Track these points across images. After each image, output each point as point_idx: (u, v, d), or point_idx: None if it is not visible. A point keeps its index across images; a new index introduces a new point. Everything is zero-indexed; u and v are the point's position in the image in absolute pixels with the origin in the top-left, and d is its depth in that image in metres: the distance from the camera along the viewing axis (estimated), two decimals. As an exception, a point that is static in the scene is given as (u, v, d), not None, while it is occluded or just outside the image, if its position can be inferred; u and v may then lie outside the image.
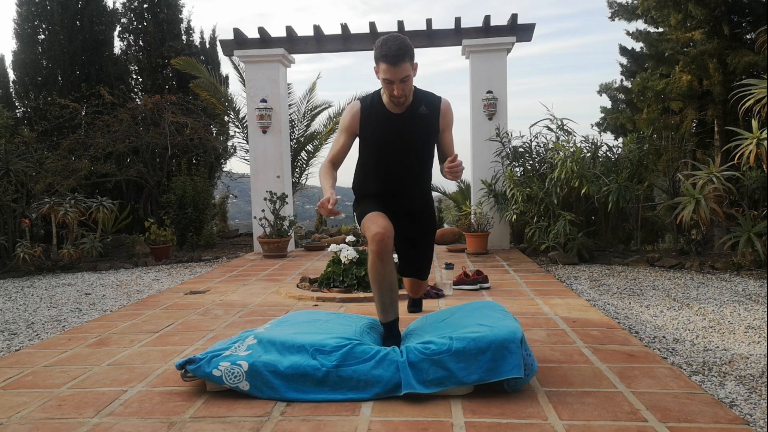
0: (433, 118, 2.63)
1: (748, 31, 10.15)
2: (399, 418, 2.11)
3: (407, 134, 2.61)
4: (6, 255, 6.83)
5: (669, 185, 6.93)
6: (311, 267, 6.12)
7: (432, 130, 2.64)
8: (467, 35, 7.28)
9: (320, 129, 10.38)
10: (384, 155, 2.66)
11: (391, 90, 2.48)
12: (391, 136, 2.61)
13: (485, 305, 2.92)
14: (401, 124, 2.60)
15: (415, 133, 2.62)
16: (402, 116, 2.60)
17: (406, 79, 2.44)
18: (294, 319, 2.96)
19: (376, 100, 2.64)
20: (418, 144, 2.65)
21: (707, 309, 3.90)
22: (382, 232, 2.49)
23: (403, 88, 2.47)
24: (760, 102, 5.19)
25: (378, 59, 2.46)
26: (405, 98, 2.53)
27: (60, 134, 9.06)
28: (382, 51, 2.41)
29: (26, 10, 9.67)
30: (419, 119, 2.60)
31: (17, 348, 3.37)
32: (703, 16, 9.77)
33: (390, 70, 2.42)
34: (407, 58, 2.42)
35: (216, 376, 2.33)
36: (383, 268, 2.54)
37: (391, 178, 2.69)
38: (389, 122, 2.61)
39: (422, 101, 2.62)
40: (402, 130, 2.61)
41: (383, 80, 2.48)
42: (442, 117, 2.64)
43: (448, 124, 2.67)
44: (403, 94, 2.49)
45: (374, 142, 2.65)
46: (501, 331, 2.33)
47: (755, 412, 2.17)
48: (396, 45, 2.40)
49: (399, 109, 2.59)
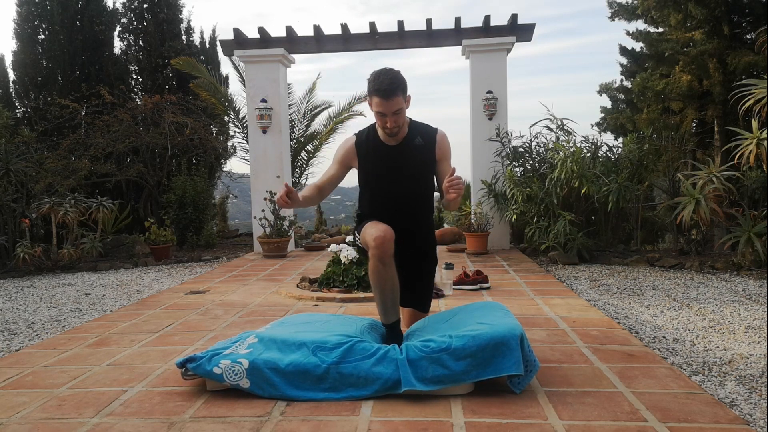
0: (429, 148, 2.68)
1: (748, 31, 10.16)
2: (399, 418, 2.11)
3: (404, 166, 2.68)
4: (6, 255, 6.83)
5: (669, 185, 6.93)
6: (311, 267, 6.12)
7: (428, 160, 2.70)
8: (467, 35, 7.28)
9: (320, 129, 10.39)
10: (382, 187, 2.72)
11: (384, 122, 2.55)
12: (388, 168, 2.68)
13: (486, 305, 2.92)
14: (397, 156, 2.67)
15: (411, 164, 2.67)
16: (398, 148, 2.67)
17: (398, 111, 2.52)
18: (294, 320, 2.97)
19: (372, 134, 2.71)
20: (415, 175, 2.70)
21: (707, 309, 3.90)
22: (383, 235, 2.51)
23: (396, 120, 2.54)
24: (760, 102, 5.18)
25: (371, 93, 2.53)
26: (398, 129, 2.59)
27: (60, 134, 9.06)
28: (375, 85, 2.49)
29: (26, 10, 9.67)
30: (415, 150, 2.67)
31: (17, 348, 3.37)
32: (703, 16, 9.78)
33: (382, 104, 2.49)
34: (399, 91, 2.50)
35: (216, 373, 2.33)
36: (385, 272, 2.55)
37: (391, 209, 2.72)
38: (385, 155, 2.68)
39: (417, 133, 2.68)
40: (398, 162, 2.67)
41: (376, 113, 2.55)
42: (438, 147, 2.69)
43: (444, 154, 2.71)
44: (396, 126, 2.56)
45: (372, 174, 2.72)
46: (500, 329, 2.33)
47: (755, 412, 2.17)
48: (388, 79, 2.48)
49: (394, 141, 2.66)
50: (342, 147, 2.76)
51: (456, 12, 54.48)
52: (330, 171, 2.79)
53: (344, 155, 2.74)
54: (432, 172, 2.74)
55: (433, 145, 2.69)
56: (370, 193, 2.78)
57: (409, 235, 2.73)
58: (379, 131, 2.67)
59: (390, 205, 2.73)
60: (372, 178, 2.74)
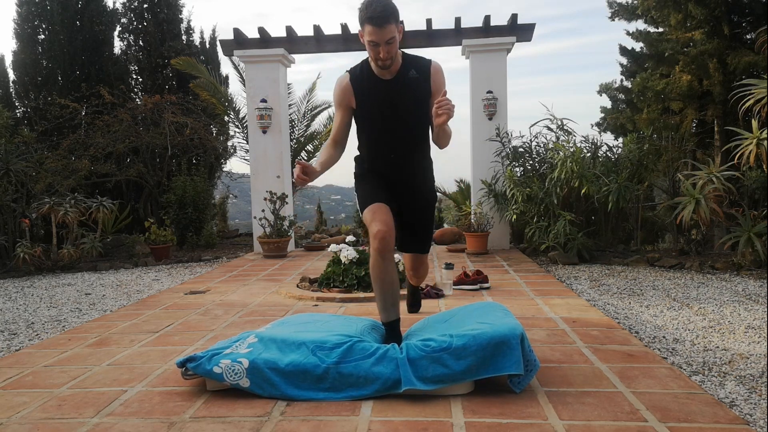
0: (424, 81, 2.59)
1: (748, 31, 10.15)
2: (399, 418, 2.11)
3: (399, 99, 2.59)
4: (6, 255, 6.83)
5: (669, 185, 6.93)
6: (311, 267, 6.12)
7: (424, 93, 2.60)
8: (467, 35, 7.28)
9: (320, 129, 10.39)
10: (378, 123, 2.65)
11: (377, 53, 2.45)
12: (384, 102, 2.59)
13: (486, 305, 2.92)
14: (392, 89, 2.58)
15: (407, 97, 2.59)
16: (392, 82, 2.57)
17: (391, 41, 2.42)
18: (295, 320, 2.98)
19: (365, 69, 2.61)
20: (411, 108, 2.61)
21: (707, 309, 3.90)
22: (385, 229, 2.49)
23: (389, 50, 2.44)
24: (760, 102, 5.18)
25: (363, 22, 2.41)
26: (391, 61, 2.49)
27: (60, 134, 9.05)
28: (367, 13, 2.38)
29: (26, 10, 9.66)
30: (410, 83, 2.58)
31: (17, 348, 3.37)
32: (703, 16, 9.77)
33: (375, 32, 2.39)
34: (392, 19, 2.40)
35: (216, 373, 2.33)
36: (385, 266, 2.54)
37: (388, 147, 2.67)
38: (380, 89, 2.59)
39: (412, 65, 2.59)
40: (394, 95, 2.58)
41: (368, 42, 2.44)
42: (433, 79, 2.60)
43: (439, 86, 2.61)
44: (389, 57, 2.46)
45: (368, 110, 2.64)
46: (501, 328, 2.33)
47: (755, 412, 2.17)
48: (381, 6, 2.37)
49: (388, 74, 2.56)
50: (338, 88, 2.65)
51: (456, 12, 54.45)
52: (337, 118, 2.69)
53: (342, 96, 2.64)
54: (428, 107, 2.62)
55: (428, 77, 2.59)
56: (366, 135, 2.71)
57: (407, 175, 2.71)
58: (373, 66, 2.56)
59: (388, 145, 2.67)
60: (369, 116, 2.65)
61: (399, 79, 2.58)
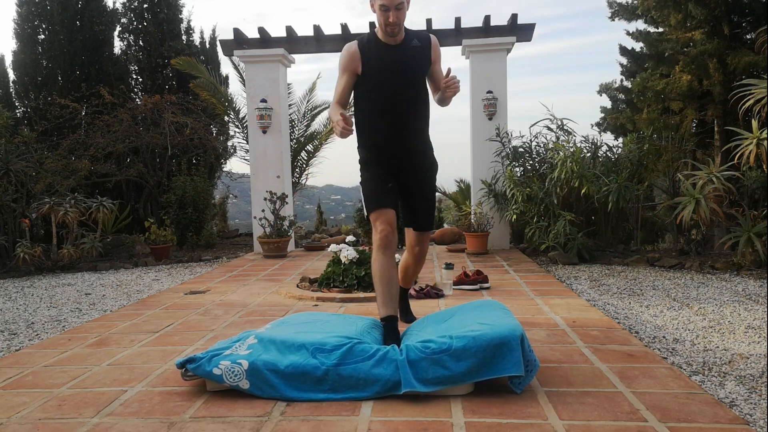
0: (425, 49, 2.87)
1: (748, 31, 10.16)
2: (399, 418, 2.11)
3: (405, 64, 2.83)
4: (6, 255, 6.83)
5: (669, 185, 6.93)
6: (311, 267, 6.12)
7: (425, 61, 2.88)
8: (467, 35, 7.28)
9: (320, 129, 10.38)
10: (385, 86, 2.84)
11: (387, 17, 2.68)
12: (391, 66, 2.82)
13: (485, 304, 2.92)
14: (398, 56, 2.82)
15: (411, 64, 2.84)
16: (398, 48, 2.83)
17: (400, 6, 2.67)
18: (295, 319, 2.97)
19: (372, 38, 2.86)
20: (415, 72, 2.86)
21: (707, 309, 3.90)
22: (388, 229, 2.74)
23: (398, 15, 2.68)
24: (760, 102, 5.19)
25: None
26: (399, 27, 2.75)
27: (60, 134, 9.05)
28: None
29: (26, 10, 9.67)
30: (414, 51, 2.85)
31: (17, 348, 3.37)
32: (703, 16, 9.78)
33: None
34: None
35: (216, 374, 2.33)
36: (386, 262, 2.74)
37: (392, 113, 2.86)
38: (387, 54, 2.81)
39: (414, 36, 2.88)
40: (399, 60, 2.82)
41: (380, 7, 2.68)
42: (433, 49, 2.89)
43: (438, 56, 2.92)
44: (398, 22, 2.71)
45: (375, 73, 2.84)
46: (501, 329, 2.33)
47: (755, 412, 2.17)
48: None
49: (394, 41, 2.81)
50: (346, 53, 2.85)
51: (456, 12, 54.46)
52: (341, 82, 2.88)
53: (349, 60, 2.83)
54: (425, 74, 2.91)
55: (429, 47, 2.88)
56: (371, 100, 2.88)
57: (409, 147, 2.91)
58: (379, 34, 2.82)
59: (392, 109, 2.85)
60: (376, 78, 2.83)
61: (404, 46, 2.84)
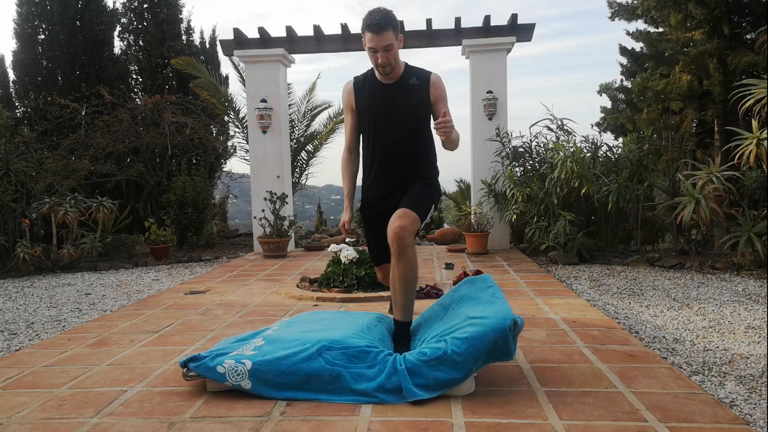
0: (423, 89, 2.78)
1: (748, 31, 10.15)
2: (399, 418, 2.11)
3: (398, 104, 2.77)
4: (6, 255, 6.83)
5: (669, 185, 6.93)
6: (311, 267, 6.12)
7: (422, 101, 2.79)
8: (467, 35, 7.28)
9: (320, 129, 10.39)
10: (376, 126, 2.81)
11: (376, 58, 2.66)
12: (383, 104, 2.78)
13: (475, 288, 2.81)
14: (392, 94, 2.79)
15: (405, 102, 2.77)
16: (393, 87, 2.78)
17: (389, 47, 2.62)
18: (302, 319, 2.99)
19: (369, 75, 2.84)
20: (409, 113, 2.79)
21: (707, 309, 3.90)
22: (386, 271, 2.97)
23: (387, 56, 2.64)
24: (760, 102, 5.18)
25: (363, 29, 2.64)
26: (391, 68, 2.69)
27: (60, 134, 9.05)
28: (367, 21, 2.61)
29: (26, 10, 9.67)
30: (409, 90, 2.77)
31: (17, 348, 3.37)
32: (703, 16, 9.77)
33: (374, 39, 2.61)
34: (390, 27, 2.61)
35: (219, 372, 2.33)
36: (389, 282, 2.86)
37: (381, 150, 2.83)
38: (381, 93, 2.79)
39: (413, 74, 2.80)
40: (393, 99, 2.77)
41: (369, 49, 2.66)
42: (432, 88, 2.78)
43: (439, 95, 2.79)
44: (388, 63, 2.66)
45: (367, 112, 2.82)
46: (491, 322, 2.30)
47: (755, 412, 2.17)
48: (380, 15, 2.59)
49: (389, 79, 2.77)
50: (343, 92, 2.91)
51: (456, 12, 54.23)
52: (348, 122, 2.93)
53: (346, 98, 2.89)
54: (426, 113, 2.83)
55: (427, 86, 2.78)
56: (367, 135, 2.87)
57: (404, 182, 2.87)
58: (376, 72, 2.78)
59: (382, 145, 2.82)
60: (367, 115, 2.82)
61: (399, 84, 2.78)
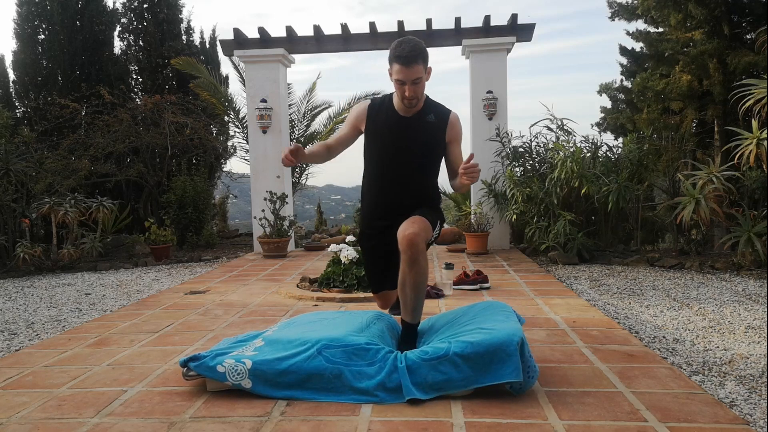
0: (440, 127, 2.66)
1: (748, 31, 10.15)
2: (399, 418, 2.11)
3: (411, 138, 2.64)
4: (6, 255, 6.83)
5: (669, 185, 6.93)
6: (311, 267, 6.12)
7: (437, 139, 2.66)
8: (467, 35, 7.28)
9: (320, 129, 10.38)
10: (386, 156, 2.69)
11: (403, 91, 2.51)
12: (395, 136, 2.65)
13: (490, 306, 2.87)
14: (407, 127, 2.64)
15: (419, 137, 2.64)
16: (409, 120, 2.63)
17: (417, 81, 2.47)
18: (302, 320, 2.99)
19: (387, 101, 2.69)
20: (421, 149, 2.66)
21: (707, 309, 3.90)
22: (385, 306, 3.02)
23: (415, 90, 2.50)
24: (760, 102, 5.18)
25: (392, 60, 2.50)
26: (416, 100, 2.56)
27: (60, 134, 9.05)
28: (396, 52, 2.46)
29: (26, 10, 9.67)
30: (425, 126, 2.64)
31: (17, 348, 3.37)
32: (703, 16, 9.77)
33: (402, 71, 2.46)
34: (420, 60, 2.46)
35: (220, 372, 2.33)
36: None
37: (384, 182, 2.72)
38: (395, 123, 2.64)
39: (432, 110, 2.66)
40: (407, 133, 2.64)
41: (396, 81, 2.51)
42: (449, 128, 2.67)
43: (455, 136, 2.69)
44: (415, 96, 2.52)
45: (378, 140, 2.69)
46: (499, 334, 2.31)
47: (755, 412, 2.17)
48: (410, 47, 2.45)
49: (408, 112, 2.62)
50: (355, 109, 2.76)
51: (455, 12, 54.22)
52: (341, 131, 2.77)
53: (356, 117, 2.73)
54: (439, 152, 2.70)
55: (445, 125, 2.66)
56: (373, 162, 2.74)
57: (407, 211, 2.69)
58: (395, 101, 2.64)
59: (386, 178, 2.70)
60: (377, 144, 2.70)
61: (416, 119, 2.63)
